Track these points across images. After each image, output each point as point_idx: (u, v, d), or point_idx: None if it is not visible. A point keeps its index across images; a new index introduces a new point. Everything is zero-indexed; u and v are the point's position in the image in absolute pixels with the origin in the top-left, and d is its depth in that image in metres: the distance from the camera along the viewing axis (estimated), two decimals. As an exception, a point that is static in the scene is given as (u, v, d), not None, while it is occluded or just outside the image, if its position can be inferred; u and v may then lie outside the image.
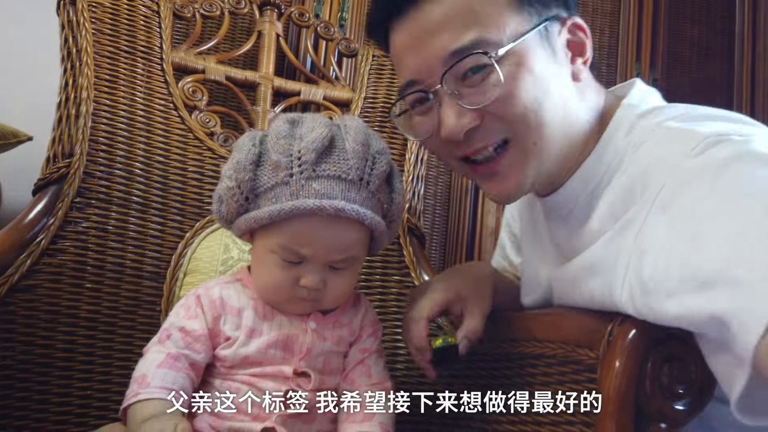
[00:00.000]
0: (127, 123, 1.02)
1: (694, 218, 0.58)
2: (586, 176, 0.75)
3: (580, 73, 0.75)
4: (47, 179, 0.94)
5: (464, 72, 0.70)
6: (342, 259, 0.74)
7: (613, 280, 0.65)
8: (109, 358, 0.93)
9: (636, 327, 0.62)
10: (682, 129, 0.68)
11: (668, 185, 0.62)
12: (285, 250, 0.72)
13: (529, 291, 0.91)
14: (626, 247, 0.65)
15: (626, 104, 0.76)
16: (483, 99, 0.70)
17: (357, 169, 0.72)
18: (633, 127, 0.73)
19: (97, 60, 1.02)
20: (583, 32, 0.75)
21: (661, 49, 1.83)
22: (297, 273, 0.73)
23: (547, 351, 0.74)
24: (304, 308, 0.77)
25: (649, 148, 0.69)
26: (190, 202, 1.03)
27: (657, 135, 0.70)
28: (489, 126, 0.72)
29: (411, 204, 1.12)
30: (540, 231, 0.87)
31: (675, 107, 0.75)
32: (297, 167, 0.70)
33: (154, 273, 0.98)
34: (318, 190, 0.70)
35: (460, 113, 0.71)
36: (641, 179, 0.67)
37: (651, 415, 0.61)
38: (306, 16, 1.28)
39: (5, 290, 0.86)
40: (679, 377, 0.62)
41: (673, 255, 0.58)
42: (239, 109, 1.19)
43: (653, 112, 0.74)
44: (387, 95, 1.20)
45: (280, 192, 0.71)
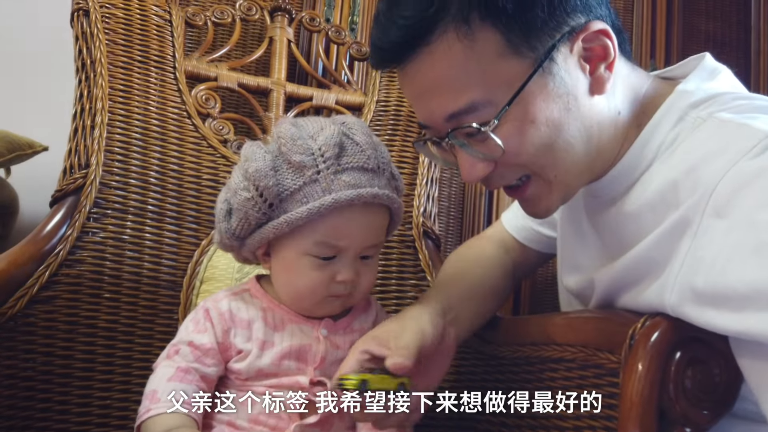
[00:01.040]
0: (141, 132, 1.02)
1: (755, 227, 0.55)
2: (629, 166, 0.71)
3: (602, 82, 0.69)
4: (64, 191, 0.95)
5: (467, 132, 0.68)
6: (372, 245, 0.75)
7: (663, 283, 0.63)
8: (128, 367, 0.93)
9: (658, 330, 0.61)
10: (738, 123, 0.63)
11: (723, 186, 0.59)
12: (322, 247, 0.72)
13: (570, 271, 0.87)
14: (679, 250, 0.62)
15: (680, 90, 0.70)
16: (490, 153, 0.68)
17: (374, 159, 0.74)
18: (682, 118, 0.69)
19: (111, 70, 1.03)
20: (605, 35, 0.68)
21: (676, 44, 1.81)
22: (332, 270, 0.73)
23: (567, 355, 0.74)
24: (335, 308, 0.77)
25: (698, 142, 0.65)
26: (206, 210, 1.04)
27: (709, 127, 0.66)
28: (504, 171, 0.71)
29: (426, 207, 1.12)
30: (580, 221, 0.83)
31: (731, 95, 0.69)
32: (323, 164, 0.71)
33: (171, 282, 0.98)
34: (348, 181, 0.71)
35: (474, 162, 0.70)
36: (691, 173, 0.62)
37: (675, 420, 0.60)
38: (317, 20, 1.28)
39: (25, 302, 0.87)
40: (703, 380, 0.61)
41: (733, 267, 0.56)
42: (252, 116, 1.20)
43: (709, 101, 0.69)
44: (399, 99, 1.19)
45: (311, 190, 0.70)
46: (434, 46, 0.65)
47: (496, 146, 0.67)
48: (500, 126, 0.66)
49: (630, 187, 0.72)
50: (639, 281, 0.69)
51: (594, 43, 0.68)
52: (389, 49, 0.68)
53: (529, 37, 0.64)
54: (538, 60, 0.65)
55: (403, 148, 1.15)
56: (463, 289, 0.85)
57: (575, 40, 0.67)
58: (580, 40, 0.67)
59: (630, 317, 0.66)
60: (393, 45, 0.67)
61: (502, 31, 0.64)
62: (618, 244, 0.73)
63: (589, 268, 0.81)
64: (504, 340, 0.88)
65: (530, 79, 0.65)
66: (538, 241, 0.98)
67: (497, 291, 0.91)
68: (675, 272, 0.62)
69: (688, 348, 0.61)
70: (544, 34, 0.65)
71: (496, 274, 0.92)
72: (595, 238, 0.81)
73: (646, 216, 0.68)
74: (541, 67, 0.65)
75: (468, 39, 0.64)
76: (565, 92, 0.67)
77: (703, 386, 0.60)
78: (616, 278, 0.73)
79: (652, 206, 0.67)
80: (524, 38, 0.64)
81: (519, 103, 0.65)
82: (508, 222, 1.01)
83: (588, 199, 0.80)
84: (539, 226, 0.97)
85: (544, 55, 0.65)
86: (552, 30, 0.65)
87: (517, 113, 0.66)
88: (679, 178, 0.64)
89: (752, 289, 0.54)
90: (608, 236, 0.77)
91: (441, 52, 0.65)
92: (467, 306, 0.81)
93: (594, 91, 0.69)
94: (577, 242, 0.85)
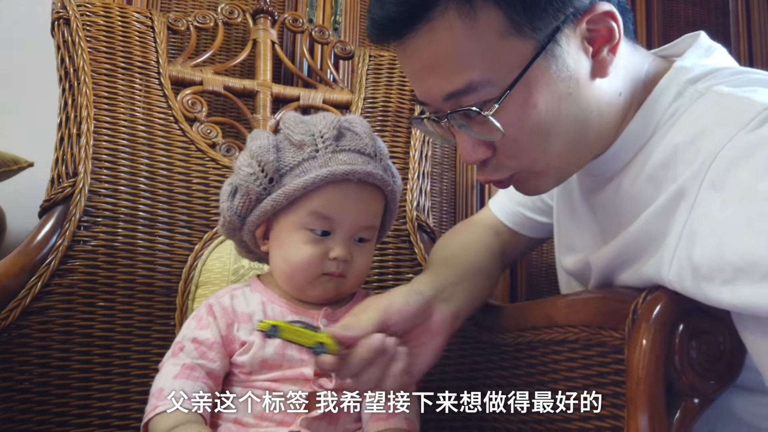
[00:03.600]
0: (128, 139, 1.01)
1: (750, 199, 0.54)
2: (628, 143, 0.70)
3: (605, 65, 0.67)
4: (53, 200, 0.93)
5: (466, 111, 0.66)
6: (366, 227, 0.77)
7: (661, 257, 0.62)
8: (126, 375, 0.92)
9: (660, 303, 0.61)
10: (737, 96, 0.63)
11: (721, 158, 0.58)
12: (316, 217, 0.74)
13: (567, 252, 0.86)
14: (677, 223, 0.61)
15: (677, 67, 0.70)
16: (490, 135, 0.67)
17: (371, 146, 0.78)
18: (681, 93, 0.68)
19: (95, 78, 1.02)
20: (611, 17, 0.65)
21: (656, 29, 1.82)
22: (325, 246, 0.75)
23: (569, 336, 0.73)
24: (328, 290, 0.77)
25: (697, 114, 0.64)
26: (197, 213, 1.03)
27: (707, 100, 0.65)
28: (501, 160, 0.70)
29: (419, 201, 1.12)
30: (574, 202, 0.83)
31: (728, 69, 0.68)
32: (321, 143, 0.75)
33: (166, 287, 0.97)
34: (345, 160, 0.75)
35: (474, 144, 0.69)
36: (688, 147, 0.62)
37: (682, 391, 0.60)
38: (300, 21, 1.27)
39: (18, 313, 0.85)
40: (708, 350, 0.61)
41: (728, 240, 0.55)
42: (239, 119, 1.19)
43: (707, 76, 0.68)
44: (386, 94, 1.19)
45: (309, 165, 0.74)
46: (434, 23, 0.63)
47: (495, 129, 0.65)
48: (500, 109, 0.64)
49: (628, 164, 0.71)
50: (638, 257, 0.68)
51: (599, 25, 0.65)
52: (387, 25, 0.66)
53: (533, 18, 0.62)
54: (541, 42, 0.63)
55: (393, 144, 1.14)
56: (455, 270, 0.83)
57: (580, 21, 0.64)
58: (584, 21, 0.65)
59: (631, 293, 0.66)
60: (392, 21, 0.65)
61: (505, 10, 0.62)
62: (615, 222, 0.73)
63: (585, 249, 0.81)
64: (504, 327, 0.87)
65: (533, 62, 0.63)
66: (529, 227, 0.97)
67: (489, 273, 0.89)
68: (672, 246, 0.61)
69: (691, 319, 0.61)
70: (547, 15, 0.63)
71: (486, 257, 0.90)
72: (590, 218, 0.80)
73: (645, 190, 0.67)
74: (544, 49, 0.63)
75: (469, 18, 0.62)
76: (567, 76, 0.65)
77: (708, 356, 0.60)
78: (614, 257, 0.73)
79: (650, 179, 0.67)
80: (527, 18, 0.62)
81: (520, 87, 0.64)
82: (497, 208, 0.99)
83: (584, 178, 0.80)
84: (530, 212, 0.96)
85: (548, 37, 0.63)
86: (556, 11, 0.63)
87: (518, 97, 0.64)
88: (678, 151, 0.63)
89: (745, 261, 0.53)
90: (603, 216, 0.77)
91: (441, 30, 0.63)
92: (462, 286, 0.79)
93: (596, 74, 0.67)
94: (572, 224, 0.85)
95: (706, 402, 0.60)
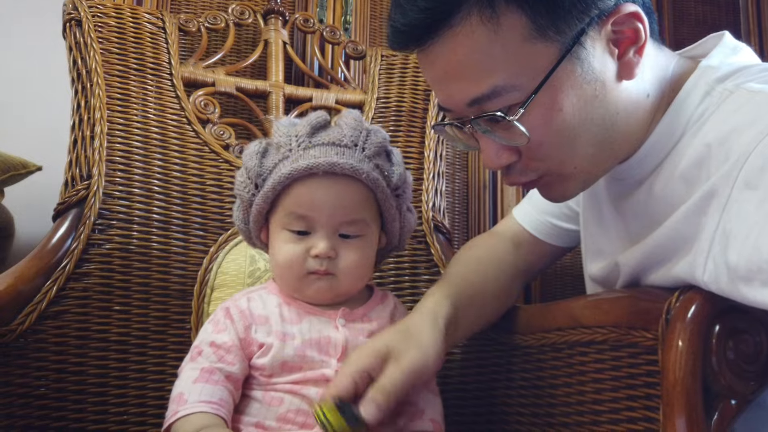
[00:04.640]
0: (142, 141, 1.00)
1: None
2: (656, 145, 0.70)
3: (631, 67, 0.66)
4: (67, 203, 0.92)
5: (491, 117, 0.65)
6: (348, 221, 0.75)
7: (694, 259, 0.61)
8: (143, 380, 0.91)
9: (695, 303, 0.60)
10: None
11: (756, 157, 0.56)
12: (291, 218, 0.75)
13: (594, 258, 0.85)
14: (709, 223, 0.60)
15: (704, 66, 0.69)
16: (515, 141, 0.66)
17: (351, 137, 0.76)
18: (709, 92, 0.67)
19: (108, 79, 1.01)
20: (636, 18, 0.64)
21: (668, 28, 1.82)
22: (306, 244, 0.75)
23: (597, 337, 0.72)
24: (321, 289, 0.75)
25: (728, 113, 0.63)
26: (212, 216, 1.02)
27: (737, 98, 0.64)
28: (527, 164, 0.69)
29: (435, 202, 1.10)
30: (601, 207, 0.82)
31: (756, 66, 0.67)
32: (295, 142, 0.75)
33: (181, 291, 0.96)
34: (314, 155, 0.74)
35: (498, 150, 0.68)
36: (721, 146, 0.61)
37: (720, 393, 0.59)
38: (311, 21, 1.26)
39: (34, 318, 0.84)
40: (746, 350, 0.59)
41: (766, 240, 0.54)
42: (251, 119, 1.18)
43: (735, 74, 0.67)
44: (399, 94, 1.18)
45: (282, 166, 0.75)
46: (456, 29, 0.62)
47: (521, 134, 0.64)
48: (525, 113, 0.63)
49: (657, 166, 0.70)
50: (669, 258, 0.67)
51: (624, 26, 0.64)
52: (408, 32, 0.65)
53: (556, 20, 0.61)
54: (565, 45, 0.62)
55: (407, 144, 1.13)
56: (466, 294, 0.81)
57: (605, 23, 0.63)
58: (609, 23, 0.64)
59: (661, 293, 0.65)
60: (413, 28, 0.65)
61: (528, 13, 0.61)
62: (644, 225, 0.72)
63: (613, 253, 0.79)
64: (527, 329, 0.86)
65: (558, 65, 0.62)
66: (556, 235, 0.95)
67: (502, 295, 0.88)
68: (706, 247, 0.60)
69: (728, 319, 0.60)
70: (572, 17, 0.61)
71: (504, 277, 0.89)
72: (617, 223, 0.79)
73: (677, 191, 0.66)
74: (569, 52, 0.62)
75: (492, 22, 0.61)
76: (593, 78, 0.64)
77: (746, 356, 0.59)
78: (644, 257, 0.71)
79: (683, 180, 0.66)
80: (551, 21, 0.61)
81: (546, 91, 0.63)
82: (522, 216, 0.97)
83: (611, 183, 0.78)
84: (557, 220, 0.94)
85: (573, 40, 0.62)
86: (580, 12, 0.62)
87: (544, 101, 0.63)
88: (710, 151, 0.62)
89: None
90: (632, 219, 0.76)
91: (463, 36, 0.62)
92: (467, 313, 0.78)
93: (622, 76, 0.66)
94: (599, 229, 0.83)
95: (743, 403, 0.59)
